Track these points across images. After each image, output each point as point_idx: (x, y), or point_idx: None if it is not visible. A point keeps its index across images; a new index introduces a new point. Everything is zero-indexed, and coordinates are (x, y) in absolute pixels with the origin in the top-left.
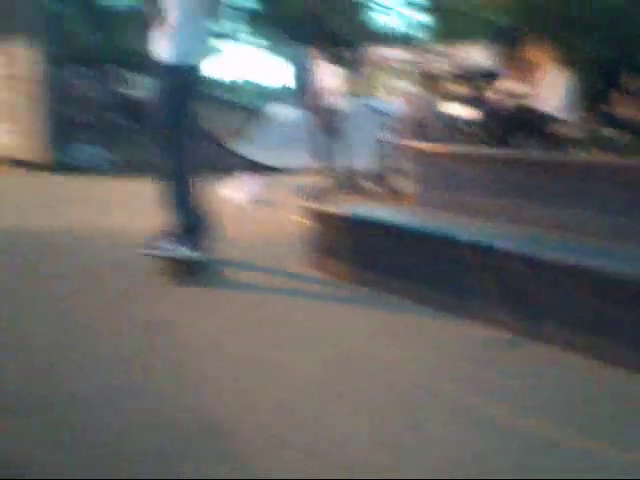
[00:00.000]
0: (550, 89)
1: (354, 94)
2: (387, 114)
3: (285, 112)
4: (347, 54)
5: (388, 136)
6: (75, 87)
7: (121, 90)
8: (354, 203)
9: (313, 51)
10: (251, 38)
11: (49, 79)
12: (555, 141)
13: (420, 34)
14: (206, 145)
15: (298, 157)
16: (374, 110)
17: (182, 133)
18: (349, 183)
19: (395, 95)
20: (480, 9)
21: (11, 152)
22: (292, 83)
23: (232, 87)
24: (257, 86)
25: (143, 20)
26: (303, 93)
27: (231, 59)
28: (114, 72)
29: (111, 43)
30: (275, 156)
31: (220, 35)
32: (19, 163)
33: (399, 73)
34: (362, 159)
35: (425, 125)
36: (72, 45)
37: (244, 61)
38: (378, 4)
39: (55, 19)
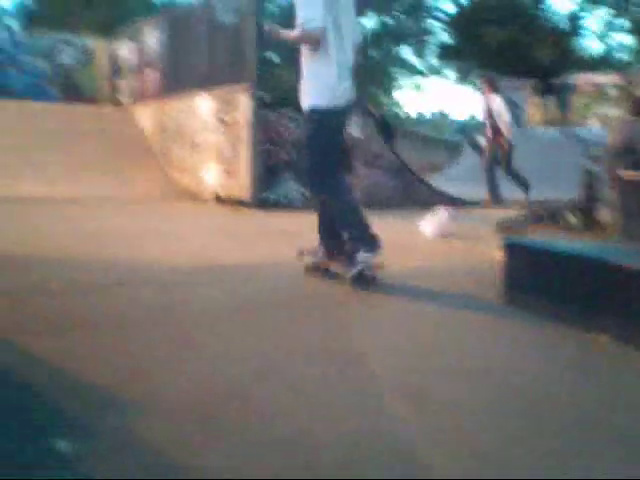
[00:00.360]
0: None
1: (557, 122)
2: (592, 142)
3: (479, 144)
4: (551, 83)
5: (592, 165)
6: (281, 128)
7: None
8: (552, 235)
9: (513, 82)
10: (448, 72)
11: (258, 122)
12: None
13: (628, 58)
14: (404, 179)
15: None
16: (578, 138)
17: (333, 169)
18: (548, 215)
19: (602, 122)
20: None
21: (221, 190)
22: (484, 115)
23: (429, 121)
24: (452, 120)
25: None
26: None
27: (429, 94)
28: None
29: None
30: (470, 189)
31: (420, 72)
32: (227, 200)
33: (606, 99)
34: (563, 189)
35: (633, 153)
36: (280, 89)
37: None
38: (585, 29)
39: (265, 66)
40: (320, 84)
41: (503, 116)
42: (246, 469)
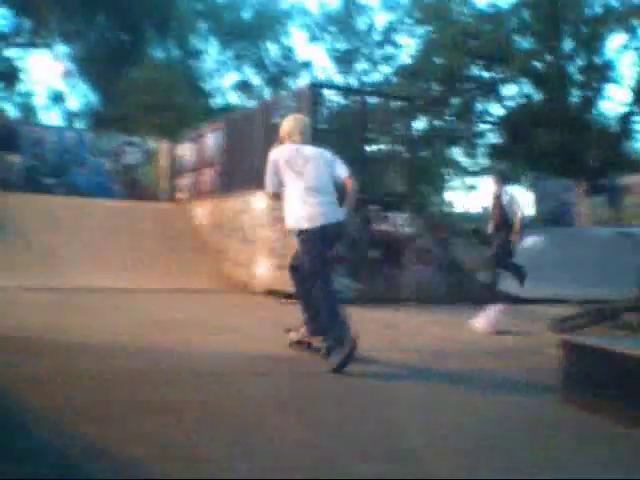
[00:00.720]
0: None
1: (608, 222)
2: None
3: (528, 242)
4: (601, 183)
5: None
6: None
7: (376, 227)
8: (611, 335)
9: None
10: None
11: None
12: None
13: None
14: (455, 275)
15: (547, 286)
16: (632, 237)
17: (324, 273)
18: (605, 314)
19: None
20: None
21: (273, 284)
22: (535, 212)
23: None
24: None
25: (398, 165)
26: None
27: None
28: (370, 211)
29: (368, 184)
30: (524, 286)
31: (470, 172)
32: (278, 294)
33: None
34: (618, 288)
35: None
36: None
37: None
38: (635, 131)
39: None
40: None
41: (515, 208)
42: None
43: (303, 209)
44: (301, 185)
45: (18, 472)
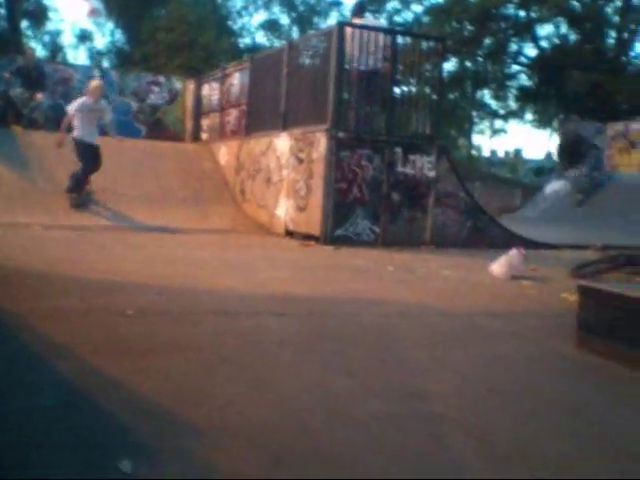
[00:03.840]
0: None
1: (639, 167)
2: None
3: (554, 187)
4: (636, 127)
5: None
6: (356, 167)
7: (399, 169)
8: (629, 281)
9: (594, 126)
10: (530, 116)
11: (333, 161)
12: None
13: None
14: (476, 219)
15: (568, 232)
16: None
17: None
18: (626, 261)
19: None
20: None
21: (293, 225)
22: (560, 157)
23: (507, 164)
24: (528, 162)
25: (422, 104)
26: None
27: (507, 135)
28: (395, 153)
29: (394, 126)
30: (543, 231)
31: (500, 115)
32: (298, 235)
33: None
34: None
35: None
36: (359, 129)
37: (520, 138)
38: None
39: (344, 106)
40: None
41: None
42: None
43: None
44: None
45: (27, 405)
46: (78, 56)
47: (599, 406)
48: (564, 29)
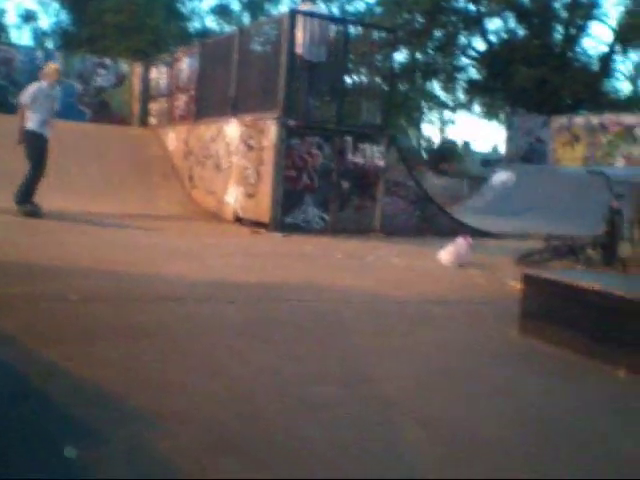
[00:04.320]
0: None
1: (582, 161)
2: (618, 180)
3: (500, 178)
4: (579, 121)
5: (617, 203)
6: (306, 155)
7: (349, 158)
8: (571, 269)
9: (540, 119)
10: (476, 108)
11: (283, 148)
12: None
13: None
14: (425, 208)
15: (513, 222)
16: (604, 177)
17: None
18: (569, 249)
19: (627, 161)
20: None
21: (242, 212)
22: (506, 149)
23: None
24: (476, 153)
25: (373, 94)
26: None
27: (455, 127)
28: (345, 142)
29: (344, 115)
30: (491, 221)
31: (448, 106)
32: (247, 222)
33: (633, 139)
34: (587, 226)
35: None
36: (309, 117)
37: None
38: (617, 71)
39: (294, 94)
40: None
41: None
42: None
43: None
44: None
45: None
46: (22, 36)
47: (540, 388)
48: (512, 24)
